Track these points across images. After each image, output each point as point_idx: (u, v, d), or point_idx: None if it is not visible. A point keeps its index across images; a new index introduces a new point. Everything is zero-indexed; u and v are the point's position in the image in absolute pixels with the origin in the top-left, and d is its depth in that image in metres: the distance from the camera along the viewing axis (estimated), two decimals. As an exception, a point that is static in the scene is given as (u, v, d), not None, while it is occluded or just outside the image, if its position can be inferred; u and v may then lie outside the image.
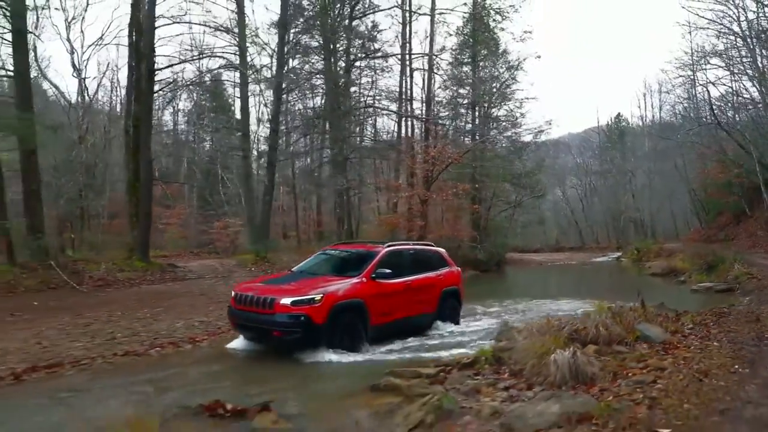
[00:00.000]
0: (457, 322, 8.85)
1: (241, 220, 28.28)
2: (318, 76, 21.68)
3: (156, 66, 14.87)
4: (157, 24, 15.37)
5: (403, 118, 20.47)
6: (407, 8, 19.85)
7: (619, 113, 53.19)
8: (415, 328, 7.97)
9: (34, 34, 15.93)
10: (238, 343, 7.20)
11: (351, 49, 19.71)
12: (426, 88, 19.83)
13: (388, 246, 8.19)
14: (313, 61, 22.70)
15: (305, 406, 4.46)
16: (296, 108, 24.99)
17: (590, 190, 52.64)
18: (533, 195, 28.12)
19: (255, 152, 31.99)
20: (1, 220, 12.35)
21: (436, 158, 15.96)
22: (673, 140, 29.44)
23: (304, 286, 6.87)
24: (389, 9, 19.34)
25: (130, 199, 15.31)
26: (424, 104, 19.82)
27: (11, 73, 13.96)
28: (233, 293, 7.20)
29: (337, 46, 21.09)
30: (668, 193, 40.02)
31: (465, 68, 25.05)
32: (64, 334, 7.80)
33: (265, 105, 23.58)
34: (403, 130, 22.90)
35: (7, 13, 13.83)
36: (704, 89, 29.74)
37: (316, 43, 21.91)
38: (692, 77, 31.03)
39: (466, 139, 23.62)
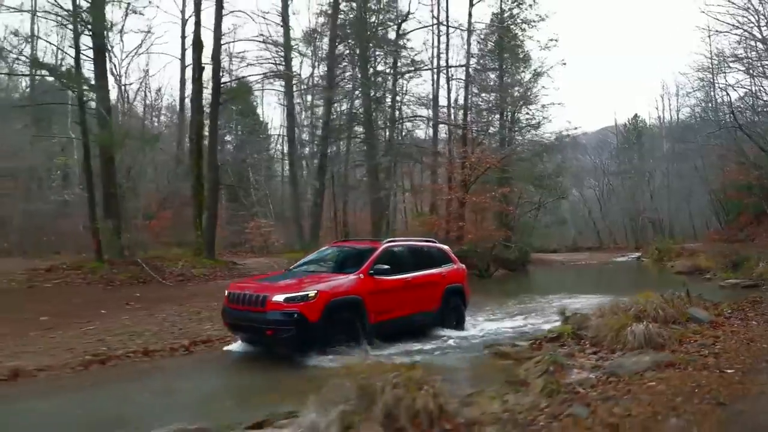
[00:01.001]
0: (461, 321, 8.66)
1: (271, 220, 29.97)
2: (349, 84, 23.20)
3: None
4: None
5: (436, 124, 21.83)
6: (445, 23, 21.24)
7: (636, 114, 54.27)
8: (416, 326, 7.78)
9: (109, 51, 17.35)
10: (236, 345, 7.11)
11: (397, 63, 21.08)
12: (463, 98, 21.30)
13: (388, 242, 8.14)
14: (344, 67, 24.25)
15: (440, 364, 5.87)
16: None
17: (608, 190, 53.67)
18: (557, 196, 29.37)
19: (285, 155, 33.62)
20: (92, 221, 13.95)
21: (475, 164, 17.34)
22: (694, 143, 30.52)
23: (298, 283, 6.79)
24: (433, 26, 20.68)
25: (194, 202, 16.78)
26: (456, 111, 21.15)
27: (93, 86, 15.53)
28: (227, 292, 7.06)
29: (368, 55, 22.58)
30: (686, 194, 41.07)
31: (491, 74, 26.42)
32: (186, 319, 9.25)
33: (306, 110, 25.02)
34: (440, 135, 24.30)
35: (90, 33, 15.41)
36: (723, 92, 30.95)
37: (349, 52, 23.47)
38: (711, 80, 32.28)
39: (492, 143, 24.98)
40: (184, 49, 26.18)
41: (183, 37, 26.63)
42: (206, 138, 17.59)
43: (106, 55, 15.54)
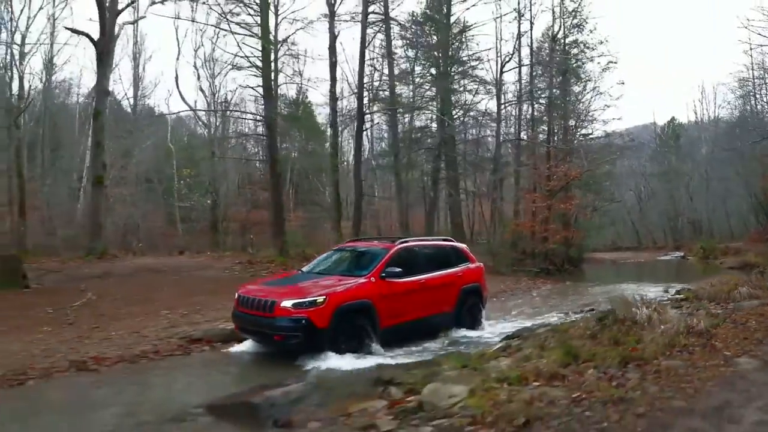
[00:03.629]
0: (477, 321, 8.90)
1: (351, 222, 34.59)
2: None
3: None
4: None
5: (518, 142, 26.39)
6: (530, 60, 25.72)
7: (673, 117, 58.12)
8: (431, 329, 7.99)
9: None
10: (246, 345, 7.47)
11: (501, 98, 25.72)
12: (547, 122, 25.80)
13: (401, 243, 8.26)
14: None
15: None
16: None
17: (647, 192, 57.45)
18: (610, 200, 33.62)
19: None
20: (277, 225, 18.61)
21: (561, 176, 21.74)
22: (736, 151, 34.51)
23: (307, 288, 6.95)
24: (533, 65, 25.04)
25: (335, 208, 21.45)
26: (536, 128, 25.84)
27: (261, 118, 20.26)
28: (237, 295, 7.32)
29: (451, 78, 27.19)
30: (724, 195, 44.90)
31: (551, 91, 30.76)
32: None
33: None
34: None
35: (259, 75, 20.10)
36: (764, 102, 35.04)
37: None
38: (752, 90, 36.43)
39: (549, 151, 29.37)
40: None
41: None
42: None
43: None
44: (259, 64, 19.30)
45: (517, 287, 16.47)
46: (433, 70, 28.41)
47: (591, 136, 28.73)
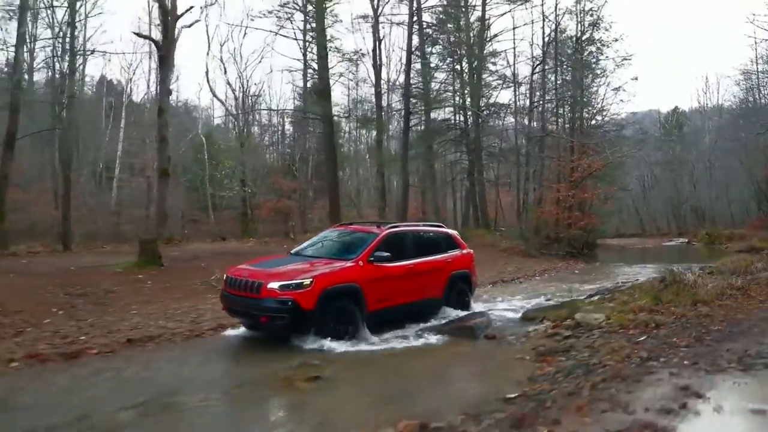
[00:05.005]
0: (465, 308, 9.05)
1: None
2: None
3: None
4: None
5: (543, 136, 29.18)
6: (554, 63, 28.32)
7: (676, 106, 61.02)
8: (419, 314, 8.24)
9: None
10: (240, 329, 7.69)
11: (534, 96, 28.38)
12: (570, 117, 28.54)
13: (390, 227, 8.46)
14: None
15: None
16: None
17: (650, 180, 60.37)
18: (624, 189, 36.44)
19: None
20: (333, 214, 21.12)
21: (584, 167, 24.44)
22: (740, 142, 37.38)
23: (294, 270, 7.10)
24: (557, 67, 27.59)
25: (379, 196, 24.04)
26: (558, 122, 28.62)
27: (319, 117, 22.66)
28: (225, 276, 7.52)
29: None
30: (727, 183, 47.81)
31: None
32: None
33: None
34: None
35: (316, 80, 22.48)
36: (768, 95, 37.87)
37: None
38: (756, 82, 39.29)
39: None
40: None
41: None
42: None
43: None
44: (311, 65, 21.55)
45: (555, 267, 19.15)
46: (457, 67, 30.92)
47: (606, 129, 31.37)
